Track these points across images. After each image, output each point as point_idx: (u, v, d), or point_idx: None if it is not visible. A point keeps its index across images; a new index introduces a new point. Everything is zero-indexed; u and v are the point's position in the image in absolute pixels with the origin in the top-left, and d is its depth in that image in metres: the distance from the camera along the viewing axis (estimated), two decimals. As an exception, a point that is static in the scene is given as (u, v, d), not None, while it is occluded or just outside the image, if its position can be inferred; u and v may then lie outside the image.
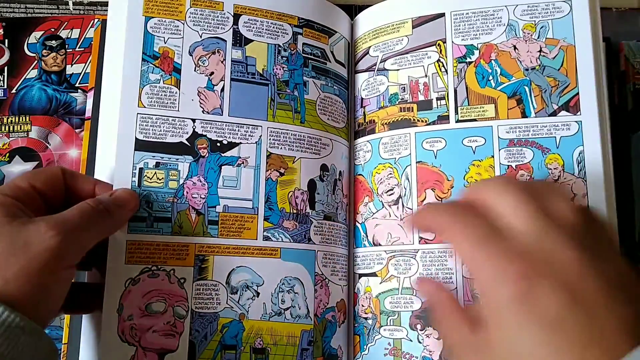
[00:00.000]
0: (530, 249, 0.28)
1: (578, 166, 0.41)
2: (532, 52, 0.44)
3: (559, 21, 0.44)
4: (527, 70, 0.44)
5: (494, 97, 0.44)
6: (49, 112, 0.46)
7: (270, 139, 0.43)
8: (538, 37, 0.44)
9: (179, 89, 0.41)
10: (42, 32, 0.48)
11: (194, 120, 0.41)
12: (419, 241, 0.43)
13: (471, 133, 0.44)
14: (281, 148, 0.43)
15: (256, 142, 0.42)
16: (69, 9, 0.50)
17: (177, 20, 0.43)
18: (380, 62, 0.47)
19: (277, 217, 0.42)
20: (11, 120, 0.46)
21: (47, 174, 0.36)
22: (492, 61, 0.44)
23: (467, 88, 0.44)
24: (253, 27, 0.44)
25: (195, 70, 0.42)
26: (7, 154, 0.45)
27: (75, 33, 0.48)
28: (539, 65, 0.44)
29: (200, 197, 0.40)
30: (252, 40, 0.44)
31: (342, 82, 0.48)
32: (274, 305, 0.40)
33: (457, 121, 0.44)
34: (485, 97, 0.44)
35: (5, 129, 0.46)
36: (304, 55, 0.45)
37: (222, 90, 0.42)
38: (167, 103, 0.41)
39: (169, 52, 0.42)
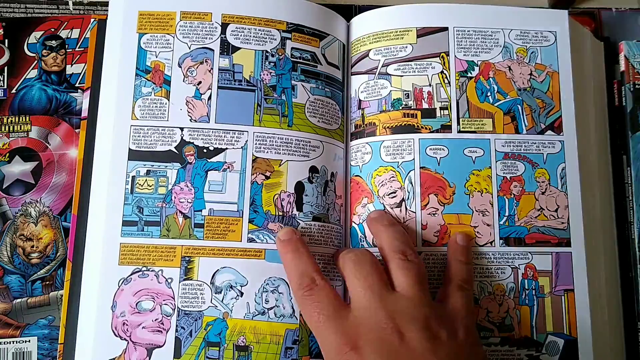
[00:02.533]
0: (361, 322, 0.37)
1: (561, 181, 0.45)
2: (524, 74, 0.47)
3: (546, 49, 0.48)
4: (519, 90, 0.47)
5: (492, 112, 0.47)
6: (49, 112, 0.47)
7: (256, 144, 0.44)
8: (529, 61, 0.48)
9: (169, 100, 0.44)
10: (42, 32, 0.48)
11: (182, 129, 0.44)
12: (422, 244, 0.44)
13: (471, 144, 0.46)
14: (267, 152, 0.44)
15: (242, 147, 0.44)
16: (69, 9, 0.50)
17: (168, 34, 0.45)
18: (382, 67, 0.47)
19: (262, 220, 0.43)
20: (11, 120, 0.46)
21: None
22: (490, 79, 0.47)
23: (468, 101, 0.47)
24: (240, 35, 0.45)
25: (184, 81, 0.44)
26: (7, 154, 0.46)
27: (75, 33, 0.48)
28: (530, 87, 0.47)
29: (187, 202, 0.43)
30: (239, 48, 0.45)
31: (336, 83, 0.48)
32: (258, 304, 0.42)
33: (459, 131, 0.46)
34: (484, 112, 0.47)
35: (5, 129, 0.46)
36: (292, 59, 0.46)
37: (209, 98, 0.44)
38: (158, 114, 0.44)
39: (160, 66, 0.44)
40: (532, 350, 0.43)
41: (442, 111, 0.46)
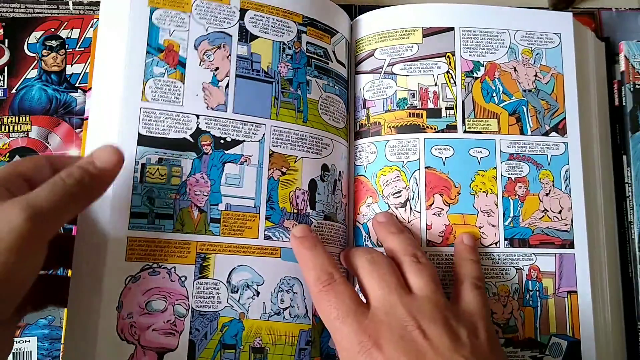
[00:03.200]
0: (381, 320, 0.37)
1: (565, 182, 0.46)
2: (529, 75, 0.48)
3: (551, 50, 0.49)
4: (525, 91, 0.48)
5: (497, 113, 0.47)
6: (49, 112, 0.46)
7: (273, 138, 0.42)
8: (534, 63, 0.48)
9: (184, 84, 0.41)
10: (42, 32, 0.48)
11: (197, 116, 0.41)
12: (427, 244, 0.45)
13: (477, 144, 0.46)
14: (284, 147, 0.43)
15: (259, 140, 0.42)
16: (69, 9, 0.50)
17: (183, 12, 0.42)
18: (388, 66, 0.47)
19: (278, 217, 0.42)
20: (11, 120, 0.46)
21: (32, 161, 0.35)
22: (496, 79, 0.48)
23: (473, 101, 0.47)
24: (259, 23, 0.43)
25: (200, 65, 0.41)
26: (7, 154, 0.45)
27: (75, 33, 0.48)
28: (535, 88, 0.48)
29: (203, 195, 0.40)
30: (257, 37, 0.43)
31: (343, 82, 0.48)
32: (274, 304, 0.40)
33: (465, 132, 0.46)
34: (490, 112, 0.47)
35: (5, 129, 0.46)
36: (307, 54, 0.45)
37: (227, 86, 0.42)
38: (171, 98, 0.40)
39: (174, 45, 0.41)
40: (535, 352, 0.44)
41: (447, 111, 0.47)
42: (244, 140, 0.41)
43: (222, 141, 0.41)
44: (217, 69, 0.42)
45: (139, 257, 0.38)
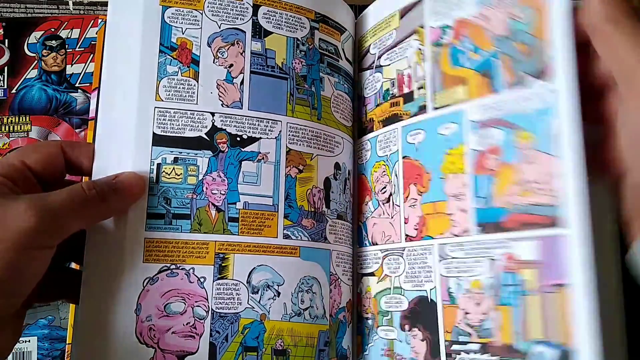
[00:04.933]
0: None
1: (553, 143, 0.34)
2: (502, 18, 0.37)
3: None
4: (496, 39, 0.37)
5: (465, 78, 0.39)
6: (49, 112, 0.47)
7: (289, 135, 0.42)
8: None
9: (198, 82, 0.40)
10: (42, 32, 0.49)
11: (213, 114, 0.40)
12: (405, 239, 0.41)
13: (444, 120, 0.39)
14: (300, 144, 0.42)
15: (276, 138, 0.41)
16: (69, 9, 0.50)
17: (195, 10, 0.41)
18: (377, 59, 0.46)
19: (296, 215, 0.41)
20: (11, 120, 0.46)
21: (42, 153, 0.35)
22: (464, 37, 0.39)
23: (441, 72, 0.40)
24: (272, 19, 0.43)
25: (214, 62, 0.41)
26: (7, 154, 0.44)
27: (75, 33, 0.49)
28: (510, 31, 0.37)
29: (220, 193, 0.39)
30: (271, 33, 0.43)
31: (351, 80, 0.47)
32: (294, 305, 0.39)
33: (434, 109, 0.40)
34: (456, 79, 0.39)
35: (5, 129, 0.46)
36: (320, 51, 0.44)
37: (242, 83, 0.41)
38: (186, 96, 0.39)
39: (187, 43, 0.40)
40: None
41: (419, 91, 0.42)
42: (260, 138, 0.41)
43: (238, 139, 0.40)
44: (231, 65, 0.41)
45: (156, 259, 0.37)
